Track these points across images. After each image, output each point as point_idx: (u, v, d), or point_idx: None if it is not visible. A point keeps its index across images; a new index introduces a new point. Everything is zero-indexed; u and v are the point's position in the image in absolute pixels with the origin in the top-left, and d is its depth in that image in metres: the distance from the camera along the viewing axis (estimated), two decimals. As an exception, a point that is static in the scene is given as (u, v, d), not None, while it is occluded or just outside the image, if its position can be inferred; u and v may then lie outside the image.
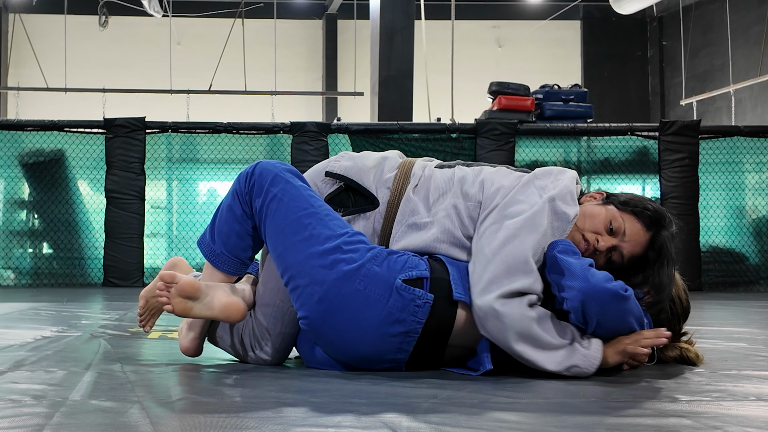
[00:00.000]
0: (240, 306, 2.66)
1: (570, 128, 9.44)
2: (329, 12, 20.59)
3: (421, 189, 2.73)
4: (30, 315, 4.88)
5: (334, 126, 9.36)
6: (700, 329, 4.37)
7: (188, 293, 2.61)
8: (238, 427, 1.75)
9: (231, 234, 2.71)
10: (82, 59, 19.08)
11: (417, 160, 2.85)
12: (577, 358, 2.45)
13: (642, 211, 2.64)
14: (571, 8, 19.80)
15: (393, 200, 2.72)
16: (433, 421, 1.85)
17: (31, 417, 1.82)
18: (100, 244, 9.05)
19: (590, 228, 2.62)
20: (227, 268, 2.72)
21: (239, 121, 9.46)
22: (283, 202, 2.62)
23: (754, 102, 16.69)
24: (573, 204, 2.60)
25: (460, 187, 2.69)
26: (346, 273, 2.51)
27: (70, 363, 2.71)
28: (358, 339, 2.52)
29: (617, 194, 2.72)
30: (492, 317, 2.42)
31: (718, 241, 9.35)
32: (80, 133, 9.19)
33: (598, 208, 2.66)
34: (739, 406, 2.06)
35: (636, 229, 2.63)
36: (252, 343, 2.74)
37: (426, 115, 11.60)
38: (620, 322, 2.47)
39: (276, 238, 2.62)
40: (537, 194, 2.59)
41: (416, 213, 2.69)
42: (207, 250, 2.75)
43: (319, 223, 2.59)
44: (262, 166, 2.70)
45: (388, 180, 2.76)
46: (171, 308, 2.61)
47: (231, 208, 2.71)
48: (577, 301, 2.43)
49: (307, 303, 2.55)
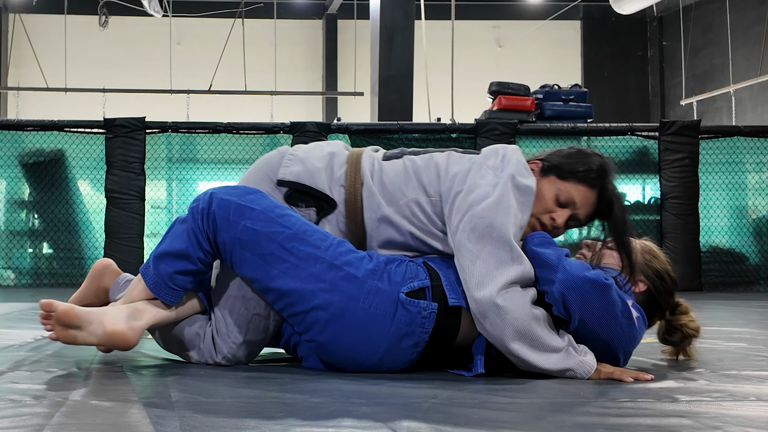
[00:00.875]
0: (125, 336, 2.55)
1: (570, 128, 9.43)
2: (329, 12, 20.59)
3: (376, 183, 2.69)
4: (30, 315, 4.88)
5: (334, 126, 9.35)
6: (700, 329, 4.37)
7: (66, 322, 2.52)
8: (238, 427, 1.75)
9: (181, 272, 2.59)
10: (82, 59, 19.08)
11: (363, 153, 2.79)
12: (572, 362, 2.43)
13: (583, 174, 2.65)
14: (571, 8, 19.79)
15: (350, 198, 2.68)
16: (433, 421, 1.84)
17: (31, 417, 1.82)
18: (100, 244, 9.04)
19: (542, 209, 2.64)
20: (170, 299, 2.63)
21: (239, 121, 9.46)
22: (257, 233, 2.53)
23: (754, 102, 16.69)
24: (530, 175, 2.62)
25: (418, 180, 2.66)
26: (348, 293, 2.48)
27: (70, 363, 2.71)
28: (367, 354, 2.51)
29: (551, 157, 2.71)
30: (493, 313, 2.39)
31: (719, 241, 9.35)
32: (80, 133, 9.19)
33: (542, 184, 2.66)
34: (739, 406, 2.06)
35: (583, 192, 2.66)
36: (212, 354, 2.68)
37: (426, 115, 11.60)
38: (605, 314, 2.43)
39: (259, 270, 2.53)
40: (493, 175, 2.58)
41: (381, 207, 2.66)
42: (152, 283, 2.62)
43: (302, 243, 2.53)
44: (219, 198, 2.57)
45: (339, 177, 2.71)
46: (55, 337, 2.55)
47: (187, 248, 2.58)
48: (557, 293, 2.42)
49: (312, 327, 2.52)
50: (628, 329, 2.49)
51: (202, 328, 2.72)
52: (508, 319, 2.38)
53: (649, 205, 9.48)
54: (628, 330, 2.49)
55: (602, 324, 2.45)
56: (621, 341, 2.49)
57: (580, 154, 2.70)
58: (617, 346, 2.50)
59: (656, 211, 9.30)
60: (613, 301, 2.44)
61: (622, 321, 2.47)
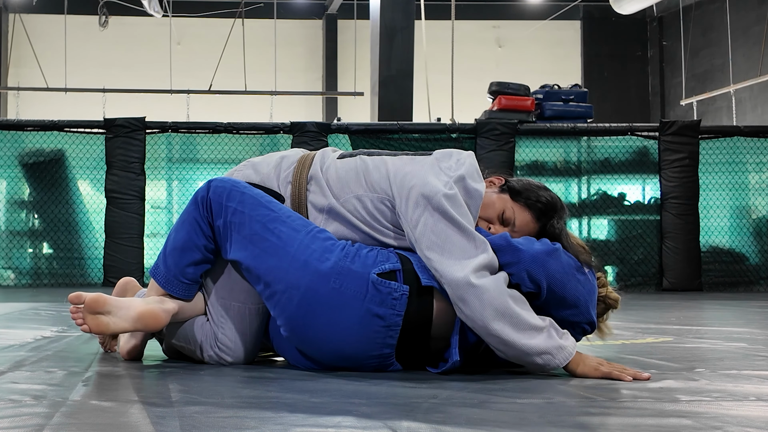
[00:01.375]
0: (157, 314, 2.61)
1: (570, 128, 9.44)
2: (329, 12, 20.59)
3: (324, 180, 2.75)
4: (30, 315, 4.88)
5: (334, 126, 9.36)
6: (701, 329, 4.38)
7: (97, 308, 2.56)
8: (238, 427, 1.75)
9: (189, 264, 2.66)
10: (82, 59, 19.08)
11: (317, 153, 2.87)
12: (552, 344, 2.44)
13: (534, 204, 2.69)
14: (571, 8, 19.80)
15: (294, 193, 2.75)
16: (433, 421, 1.85)
17: (31, 417, 1.82)
18: (100, 244, 9.05)
19: (483, 216, 2.69)
20: (183, 293, 2.70)
21: (239, 121, 9.46)
22: (244, 214, 2.62)
23: (754, 102, 16.69)
24: (480, 181, 2.68)
25: (365, 178, 2.71)
26: (320, 272, 2.52)
27: (70, 363, 2.71)
28: (340, 339, 2.52)
29: (515, 181, 2.77)
30: (471, 294, 2.41)
31: (719, 241, 9.35)
32: (80, 133, 9.20)
33: (494, 197, 2.71)
34: (739, 406, 2.06)
35: (526, 219, 2.70)
36: (211, 346, 2.71)
37: (426, 115, 11.60)
38: (565, 276, 2.52)
39: (244, 251, 2.60)
40: (445, 175, 2.63)
41: (327, 201, 2.71)
42: (162, 279, 2.69)
43: (283, 225, 2.60)
44: (215, 185, 2.68)
45: (288, 175, 2.79)
46: (87, 328, 2.57)
47: (191, 237, 2.66)
48: (523, 270, 2.50)
49: (286, 309, 2.54)
50: (586, 282, 2.59)
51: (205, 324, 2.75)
52: (485, 298, 2.41)
53: (649, 205, 9.49)
54: (586, 284, 2.59)
55: (565, 285, 2.54)
56: (584, 295, 2.58)
57: (542, 190, 2.75)
58: (583, 300, 2.58)
59: (656, 211, 9.30)
60: (567, 262, 2.55)
61: (579, 277, 2.57)
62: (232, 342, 2.70)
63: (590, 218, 9.69)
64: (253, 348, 2.75)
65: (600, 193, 9.66)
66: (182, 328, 2.76)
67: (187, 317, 2.74)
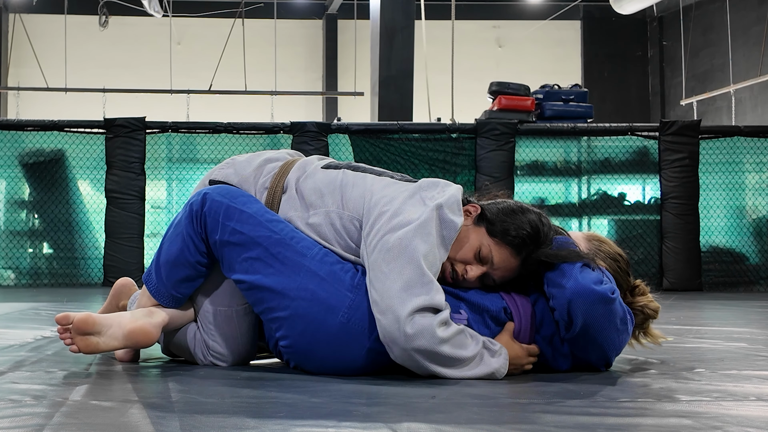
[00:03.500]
0: (146, 330, 2.58)
1: (570, 128, 9.43)
2: (329, 12, 20.59)
3: (299, 189, 2.70)
4: (30, 315, 4.88)
5: (334, 126, 9.36)
6: (701, 329, 4.38)
7: (86, 329, 2.52)
8: (238, 427, 1.75)
9: (182, 279, 2.64)
10: (82, 59, 19.08)
11: (300, 160, 2.82)
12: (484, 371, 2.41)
13: (511, 240, 2.54)
14: (571, 8, 19.79)
15: (268, 201, 2.70)
16: (433, 421, 1.84)
17: (31, 417, 1.82)
18: (100, 244, 9.05)
19: (459, 257, 2.55)
20: (174, 305, 2.68)
21: (239, 121, 9.46)
22: (244, 236, 2.55)
23: (754, 102, 16.69)
24: (459, 214, 2.53)
25: (341, 193, 2.64)
26: (329, 305, 2.47)
27: (70, 363, 2.71)
28: (343, 368, 2.51)
29: (492, 209, 2.60)
30: (401, 342, 2.34)
31: (719, 241, 9.35)
32: (80, 133, 9.19)
33: (470, 232, 2.56)
34: (739, 406, 2.06)
35: (504, 256, 2.55)
36: (204, 355, 2.71)
37: (426, 115, 11.60)
38: (607, 324, 2.46)
39: (245, 273, 2.55)
40: (422, 203, 2.53)
41: (295, 212, 2.66)
42: (154, 290, 2.67)
43: (288, 249, 2.54)
44: (210, 200, 2.59)
45: (266, 181, 2.75)
46: (76, 349, 2.53)
47: (183, 254, 2.61)
48: (564, 299, 2.44)
49: (290, 334, 2.52)
50: (624, 335, 2.56)
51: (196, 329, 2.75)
52: (414, 346, 2.34)
53: (649, 205, 9.49)
54: (623, 336, 2.56)
55: (602, 332, 2.49)
56: (615, 345, 2.56)
57: (520, 219, 2.56)
58: (611, 349, 2.57)
59: (656, 211, 9.30)
60: (615, 312, 2.48)
61: (620, 328, 2.52)
62: (223, 348, 2.69)
63: (590, 218, 9.69)
64: (247, 347, 2.73)
65: (600, 193, 9.66)
66: (176, 338, 2.75)
67: (179, 326, 2.72)
